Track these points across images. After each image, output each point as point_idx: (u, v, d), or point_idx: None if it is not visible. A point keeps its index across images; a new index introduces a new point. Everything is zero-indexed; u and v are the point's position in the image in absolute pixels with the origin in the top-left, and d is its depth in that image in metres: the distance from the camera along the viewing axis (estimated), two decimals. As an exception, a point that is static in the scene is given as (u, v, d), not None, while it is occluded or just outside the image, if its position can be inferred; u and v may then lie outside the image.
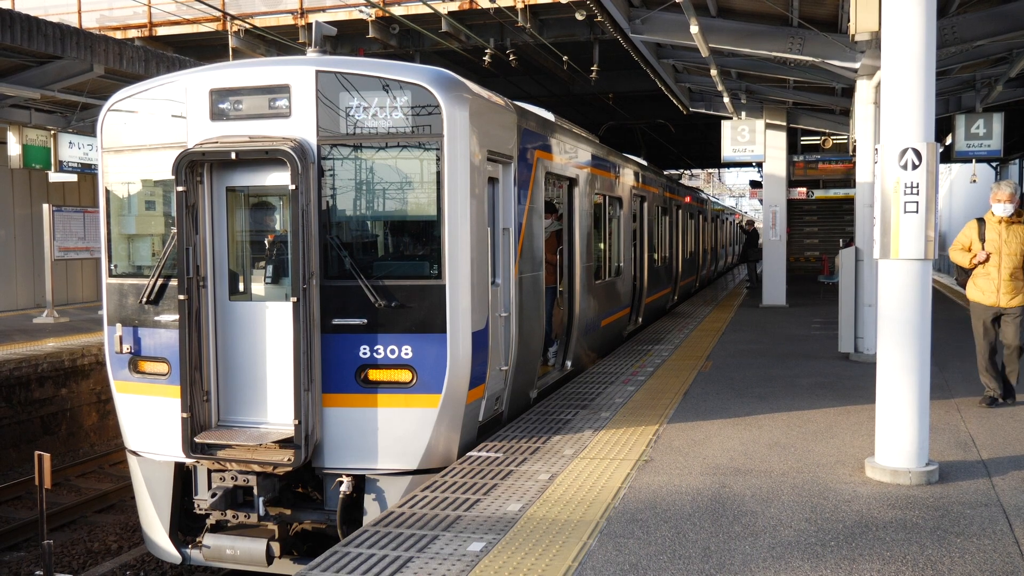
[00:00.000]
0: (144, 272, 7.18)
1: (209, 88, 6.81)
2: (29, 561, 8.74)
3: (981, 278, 8.02)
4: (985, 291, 8.00)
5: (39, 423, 11.85)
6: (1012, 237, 7.85)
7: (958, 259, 8.15)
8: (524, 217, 8.08)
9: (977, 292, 8.08)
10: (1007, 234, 7.87)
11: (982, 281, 8.02)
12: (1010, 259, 7.86)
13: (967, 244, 8.06)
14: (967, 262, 8.05)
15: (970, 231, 8.05)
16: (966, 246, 8.07)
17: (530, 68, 20.28)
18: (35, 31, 12.35)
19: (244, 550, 6.67)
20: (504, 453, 6.79)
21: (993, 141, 16.67)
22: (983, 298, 8.03)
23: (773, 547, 4.85)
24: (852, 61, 11.32)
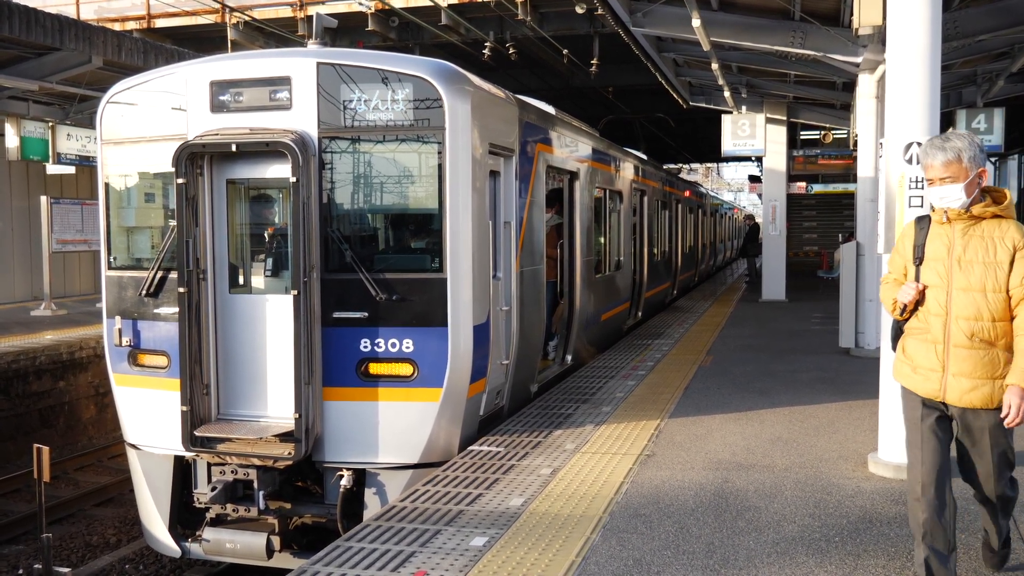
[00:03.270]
0: (143, 264, 7.15)
1: (209, 80, 6.77)
2: (28, 554, 8.71)
3: (914, 338, 4.11)
4: (919, 366, 4.07)
5: (37, 416, 11.81)
6: (975, 251, 3.95)
7: (885, 302, 4.33)
8: (525, 211, 8.05)
9: (905, 367, 4.15)
10: (963, 245, 3.98)
11: (915, 345, 4.10)
12: (967, 299, 3.93)
13: (901, 269, 4.24)
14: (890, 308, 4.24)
15: (903, 241, 4.25)
16: (900, 275, 4.25)
17: (530, 61, 20.23)
18: (33, 22, 12.29)
19: (244, 544, 6.64)
20: (505, 447, 6.77)
21: (994, 136, 16.61)
22: (915, 381, 4.09)
23: (777, 543, 4.83)
24: (854, 55, 11.29)
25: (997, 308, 3.91)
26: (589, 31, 17.55)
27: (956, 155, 3.95)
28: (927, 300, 4.05)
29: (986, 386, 3.97)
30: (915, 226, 4.20)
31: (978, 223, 4.00)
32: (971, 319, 3.93)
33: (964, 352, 3.96)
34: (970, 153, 3.94)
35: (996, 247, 3.94)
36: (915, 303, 4.08)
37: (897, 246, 4.32)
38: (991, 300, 3.91)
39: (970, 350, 3.95)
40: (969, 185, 3.96)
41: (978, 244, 3.97)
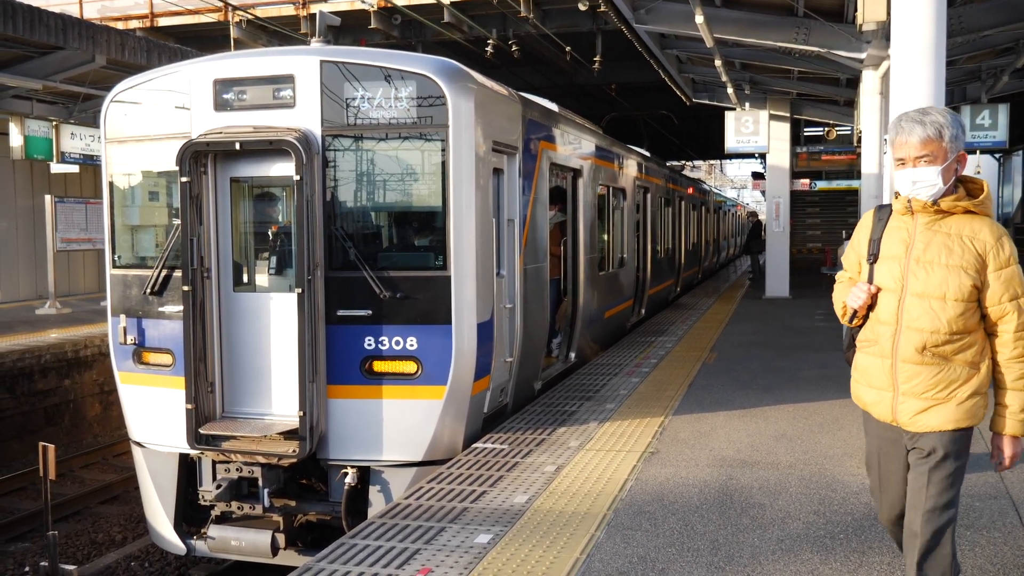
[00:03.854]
0: (148, 263, 7.16)
1: (213, 78, 6.78)
2: (34, 552, 8.73)
3: (864, 352, 3.61)
4: (871, 383, 3.57)
5: (42, 414, 11.84)
6: (937, 251, 3.36)
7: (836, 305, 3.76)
8: (529, 208, 8.05)
9: (860, 386, 3.67)
10: (924, 242, 3.39)
11: (865, 360, 3.60)
12: (922, 307, 3.36)
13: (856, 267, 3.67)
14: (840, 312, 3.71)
15: (859, 233, 3.65)
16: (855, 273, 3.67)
17: (533, 59, 20.22)
18: (37, 21, 12.30)
19: (249, 541, 6.65)
20: (509, 445, 6.77)
21: (998, 132, 16.60)
22: (868, 400, 3.62)
23: (782, 540, 4.83)
24: (858, 51, 11.27)
25: (956, 320, 3.32)
26: (592, 28, 17.53)
27: (937, 131, 3.32)
28: (877, 306, 3.46)
29: (939, 407, 3.37)
30: (873, 216, 3.58)
31: (946, 218, 3.38)
32: (924, 330, 3.33)
33: (914, 368, 3.38)
34: (952, 131, 3.33)
35: (963, 248, 3.32)
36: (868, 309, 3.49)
37: (852, 239, 3.67)
38: (951, 309, 3.31)
39: (921, 366, 3.37)
40: (946, 170, 3.33)
41: (942, 243, 3.34)
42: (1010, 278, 3.34)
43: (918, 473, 3.44)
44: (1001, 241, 3.35)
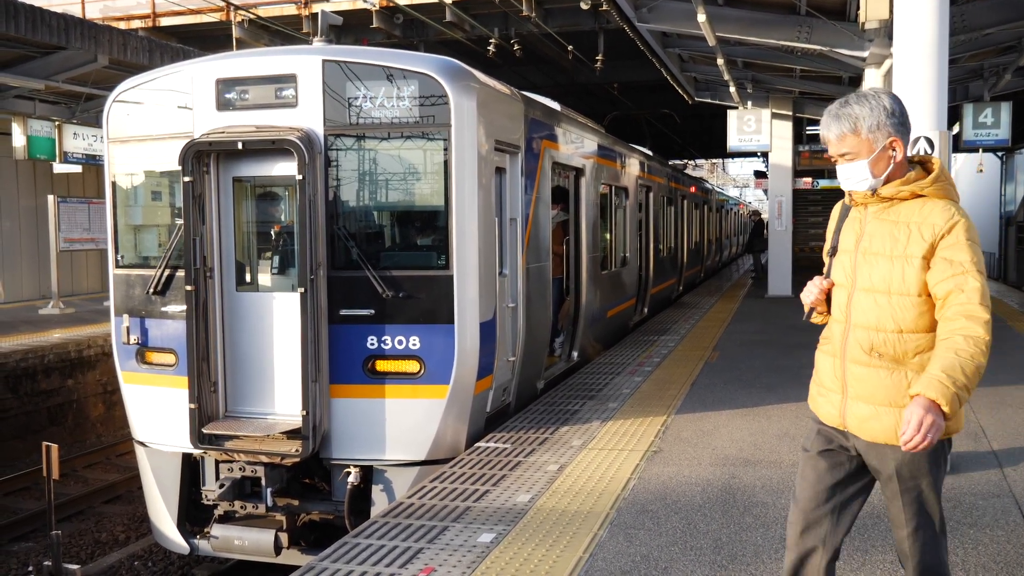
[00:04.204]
0: (151, 263, 7.16)
1: (215, 78, 6.78)
2: (37, 552, 8.74)
3: (820, 350, 3.44)
4: (822, 385, 3.35)
5: (46, 414, 11.85)
6: (882, 241, 3.14)
7: None
8: (531, 207, 8.05)
9: (814, 387, 3.42)
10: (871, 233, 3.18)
11: (820, 359, 3.42)
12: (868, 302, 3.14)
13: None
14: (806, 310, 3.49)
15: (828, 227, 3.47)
16: None
17: (535, 58, 20.21)
18: (39, 21, 12.32)
19: (252, 541, 6.66)
20: (512, 444, 6.78)
21: (1001, 130, 16.58)
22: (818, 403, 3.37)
23: (785, 539, 4.81)
24: (860, 50, 11.26)
25: (905, 316, 3.02)
26: (594, 27, 17.52)
27: (852, 125, 3.09)
28: (832, 302, 3.30)
29: (889, 415, 3.04)
30: (840, 208, 3.37)
31: (895, 205, 3.12)
32: (871, 328, 3.08)
33: (862, 370, 3.10)
34: (871, 121, 3.06)
35: (909, 236, 3.04)
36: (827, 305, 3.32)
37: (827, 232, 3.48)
38: (896, 305, 3.04)
39: (869, 368, 3.08)
40: (876, 161, 3.09)
41: (887, 232, 3.09)
42: (958, 251, 2.97)
43: (890, 495, 3.15)
44: (953, 221, 3.00)
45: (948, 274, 2.95)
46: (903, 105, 3.13)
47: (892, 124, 3.07)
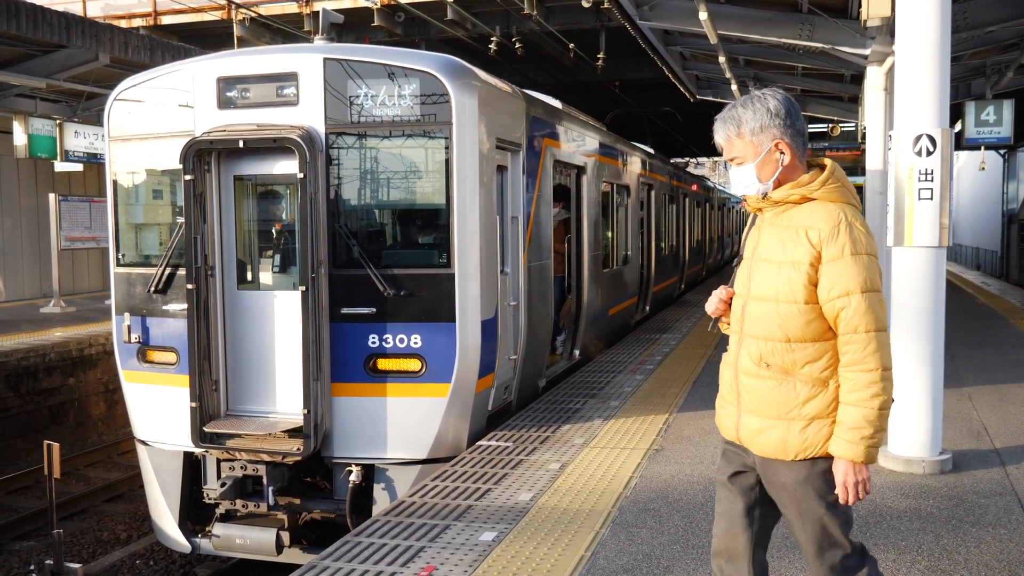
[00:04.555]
0: (152, 261, 7.16)
1: (216, 76, 6.77)
2: (39, 550, 8.74)
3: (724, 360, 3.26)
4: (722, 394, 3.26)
5: (47, 413, 11.85)
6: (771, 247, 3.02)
7: None
8: (532, 205, 8.04)
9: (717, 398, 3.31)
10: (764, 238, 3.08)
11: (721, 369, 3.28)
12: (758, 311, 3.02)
13: None
14: None
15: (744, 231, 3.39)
16: None
17: (536, 56, 20.19)
18: (40, 20, 12.31)
19: (254, 539, 6.66)
20: (514, 442, 6.77)
21: (1003, 128, 16.55)
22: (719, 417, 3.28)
23: (787, 536, 4.80)
24: (862, 48, 11.23)
25: (792, 325, 2.90)
26: (595, 25, 17.51)
27: (736, 129, 3.02)
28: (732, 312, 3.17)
29: (777, 428, 2.93)
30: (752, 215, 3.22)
31: (788, 210, 2.99)
32: (759, 338, 2.97)
33: (752, 381, 3.00)
34: (754, 123, 2.97)
35: (795, 242, 2.91)
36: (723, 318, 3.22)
37: None
38: (783, 314, 2.91)
39: (758, 379, 2.98)
40: (763, 164, 2.99)
41: (778, 238, 2.97)
42: (842, 269, 2.82)
43: (789, 516, 3.02)
44: (838, 228, 2.85)
45: (834, 294, 2.84)
46: (793, 105, 3.00)
47: (777, 126, 2.97)
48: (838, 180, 2.96)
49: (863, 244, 2.85)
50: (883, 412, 2.82)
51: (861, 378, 2.81)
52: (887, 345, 2.84)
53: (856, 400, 2.82)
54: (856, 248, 2.84)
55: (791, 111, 2.98)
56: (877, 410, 2.80)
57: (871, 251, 2.86)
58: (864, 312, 2.81)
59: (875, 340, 2.81)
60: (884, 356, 2.83)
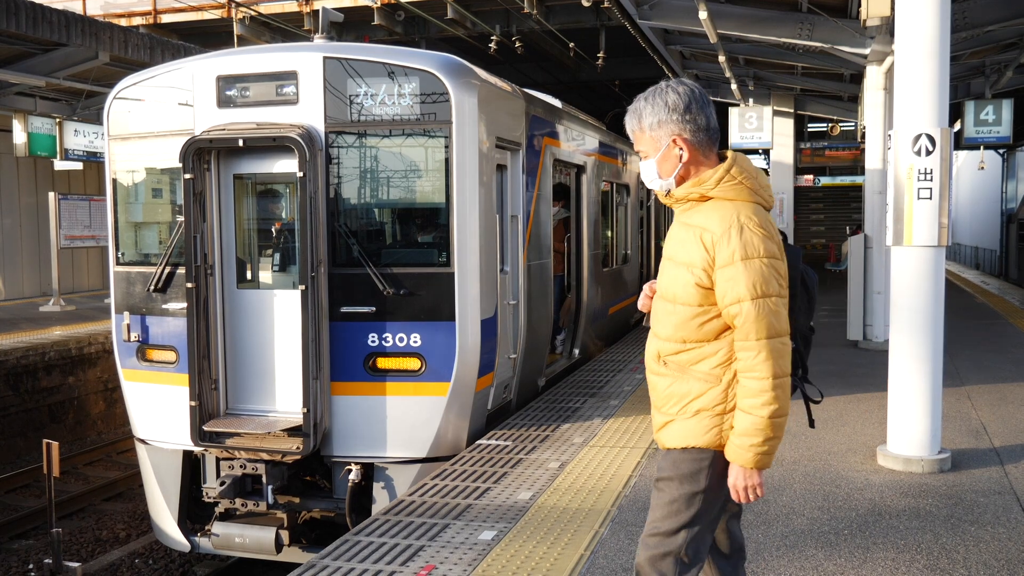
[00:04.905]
0: (152, 260, 7.16)
1: (216, 75, 6.77)
2: (38, 549, 8.75)
3: None
4: None
5: (46, 411, 11.85)
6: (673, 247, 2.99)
7: None
8: (532, 204, 8.04)
9: None
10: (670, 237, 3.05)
11: None
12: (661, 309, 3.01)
13: None
14: None
15: None
16: None
17: (536, 55, 20.18)
18: (40, 18, 12.30)
19: (253, 538, 6.66)
20: (513, 441, 6.77)
21: (1002, 127, 16.56)
22: None
23: (786, 536, 4.82)
24: (862, 47, 11.24)
25: (688, 327, 2.87)
26: (595, 24, 17.50)
27: (637, 122, 2.95)
28: None
29: (674, 424, 2.94)
30: None
31: (693, 208, 2.92)
32: (660, 336, 2.97)
33: (654, 379, 3.01)
34: (652, 118, 2.89)
35: (693, 242, 2.84)
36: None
37: None
38: (679, 314, 2.87)
39: (658, 376, 2.98)
40: (662, 160, 2.92)
41: (680, 237, 2.92)
42: (733, 275, 2.75)
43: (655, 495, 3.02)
44: (730, 232, 2.76)
45: (727, 301, 2.78)
46: (695, 98, 2.87)
47: (675, 121, 2.86)
48: (735, 177, 2.85)
49: (755, 247, 2.75)
50: (774, 421, 2.77)
51: (753, 385, 2.77)
52: (780, 353, 2.76)
53: (748, 407, 2.79)
54: (747, 252, 2.75)
55: (691, 105, 2.86)
56: (767, 419, 2.76)
57: (766, 254, 2.76)
58: (754, 319, 2.74)
59: (766, 348, 2.74)
60: (776, 364, 2.75)
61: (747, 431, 2.79)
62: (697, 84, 2.95)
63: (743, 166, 2.88)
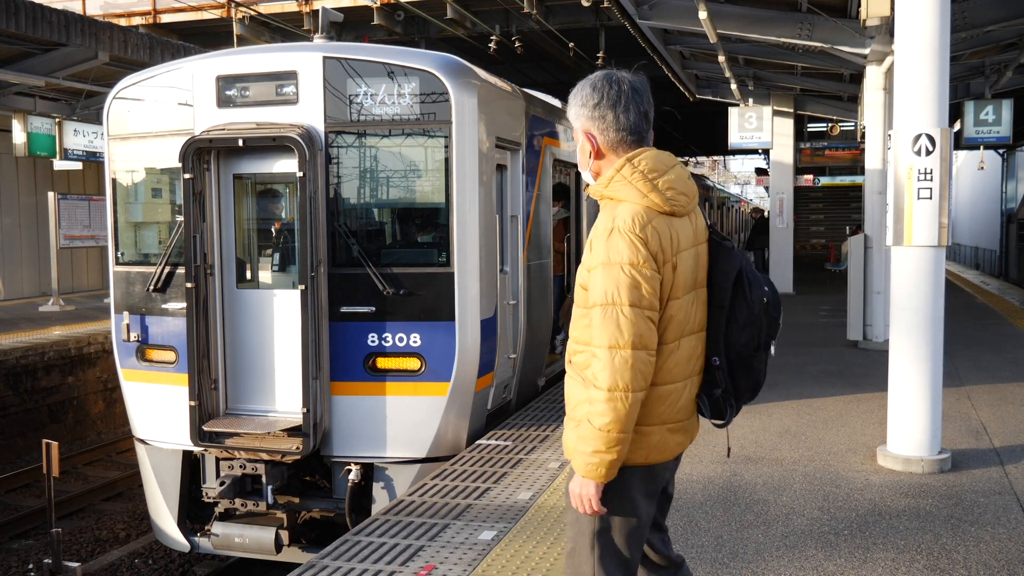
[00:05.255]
0: (151, 260, 7.16)
1: (216, 75, 6.77)
2: (37, 549, 8.74)
3: None
4: None
5: (46, 411, 11.85)
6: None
7: None
8: (532, 204, 8.04)
9: None
10: None
11: None
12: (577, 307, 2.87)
13: None
14: None
15: None
16: None
17: (536, 55, 20.18)
18: (40, 18, 12.30)
19: (253, 538, 6.66)
20: (513, 441, 6.77)
21: (1002, 127, 16.56)
22: None
23: (786, 536, 4.82)
24: (861, 47, 11.24)
25: (579, 325, 2.78)
26: (595, 24, 17.50)
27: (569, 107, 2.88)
28: None
29: (566, 432, 2.85)
30: None
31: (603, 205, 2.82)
32: (570, 338, 2.86)
33: (566, 380, 2.89)
34: (572, 110, 2.85)
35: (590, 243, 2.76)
36: None
37: None
38: (578, 315, 2.79)
39: (569, 379, 2.87)
40: (580, 152, 2.88)
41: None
42: (594, 279, 2.66)
43: None
44: (603, 234, 2.67)
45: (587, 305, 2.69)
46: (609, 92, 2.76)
47: (585, 116, 2.79)
48: (626, 177, 2.72)
49: (619, 252, 2.61)
50: (604, 434, 2.60)
51: (592, 393, 2.63)
52: (620, 365, 2.58)
53: (585, 413, 2.67)
54: (610, 257, 2.62)
55: (602, 102, 2.76)
56: (596, 429, 2.60)
57: (629, 261, 2.60)
58: (599, 326, 2.61)
59: (605, 357, 2.59)
60: (614, 376, 2.58)
61: (582, 436, 2.66)
62: (633, 78, 2.79)
63: (641, 166, 2.72)
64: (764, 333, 2.85)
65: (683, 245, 2.73)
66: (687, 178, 2.81)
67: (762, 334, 2.85)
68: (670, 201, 2.71)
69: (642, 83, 2.81)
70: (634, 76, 2.80)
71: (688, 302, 2.76)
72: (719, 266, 2.85)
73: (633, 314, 2.59)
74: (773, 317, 2.86)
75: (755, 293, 2.82)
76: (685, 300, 2.74)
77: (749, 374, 2.88)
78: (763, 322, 2.83)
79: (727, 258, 2.86)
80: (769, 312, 2.84)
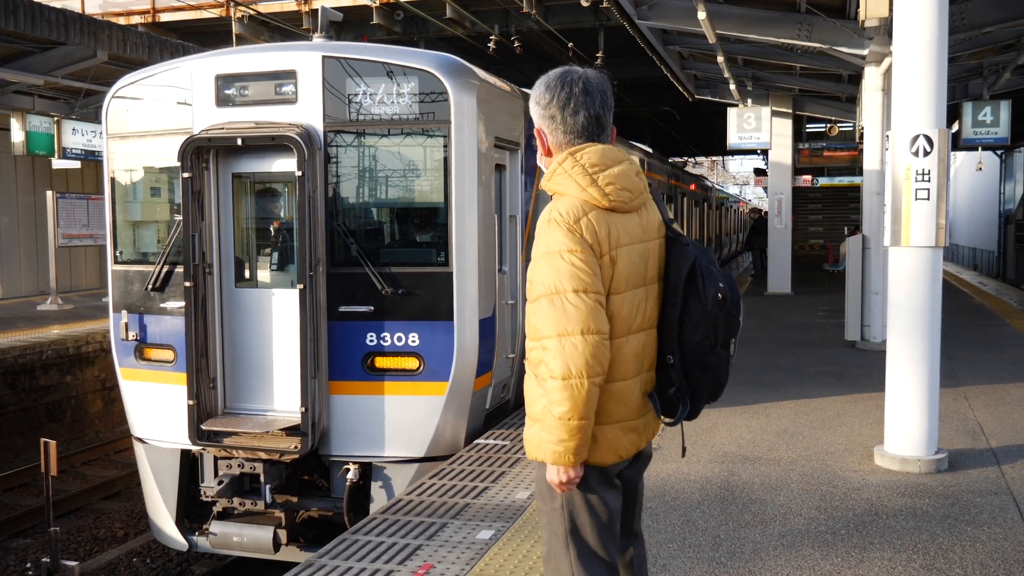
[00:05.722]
0: (150, 259, 7.16)
1: (215, 74, 6.77)
2: (35, 548, 8.74)
3: None
4: None
5: (44, 410, 11.85)
6: None
7: None
8: (531, 204, 8.05)
9: None
10: None
11: None
12: None
13: None
14: None
15: None
16: None
17: (535, 55, 20.18)
18: (38, 17, 12.30)
19: (251, 537, 6.66)
20: (511, 441, 6.77)
21: (1000, 128, 16.57)
22: None
23: (783, 535, 4.83)
24: (860, 48, 11.26)
25: (529, 321, 2.73)
26: (594, 24, 17.50)
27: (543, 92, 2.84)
28: None
29: (526, 431, 2.84)
30: None
31: None
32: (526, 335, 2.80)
33: (526, 377, 2.84)
34: (531, 106, 2.87)
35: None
36: None
37: None
38: (528, 312, 2.74)
39: (528, 375, 2.83)
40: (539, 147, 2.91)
41: None
42: (535, 270, 2.66)
43: None
44: (542, 228, 2.68)
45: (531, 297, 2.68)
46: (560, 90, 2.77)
47: (537, 113, 2.81)
48: (566, 171, 2.73)
49: (558, 241, 2.61)
50: (564, 423, 2.57)
51: (548, 384, 2.61)
52: (570, 352, 2.55)
53: (545, 405, 2.64)
54: (549, 247, 2.62)
55: (553, 101, 2.77)
56: (555, 418, 2.58)
57: (567, 248, 2.60)
58: (547, 316, 2.59)
59: (555, 346, 2.57)
60: (566, 363, 2.55)
61: (545, 426, 2.63)
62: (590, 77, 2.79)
63: (583, 160, 2.72)
64: (721, 330, 2.79)
65: (623, 240, 2.70)
66: (634, 174, 2.79)
67: (719, 331, 2.79)
68: (609, 196, 2.69)
69: (599, 82, 2.79)
70: (593, 74, 2.78)
71: (635, 298, 2.72)
72: (672, 262, 2.83)
73: (578, 299, 2.57)
74: (731, 314, 2.80)
75: (709, 290, 2.76)
76: (630, 296, 2.70)
77: (707, 372, 2.82)
78: (719, 319, 2.77)
79: (680, 254, 2.83)
80: (726, 309, 2.78)
